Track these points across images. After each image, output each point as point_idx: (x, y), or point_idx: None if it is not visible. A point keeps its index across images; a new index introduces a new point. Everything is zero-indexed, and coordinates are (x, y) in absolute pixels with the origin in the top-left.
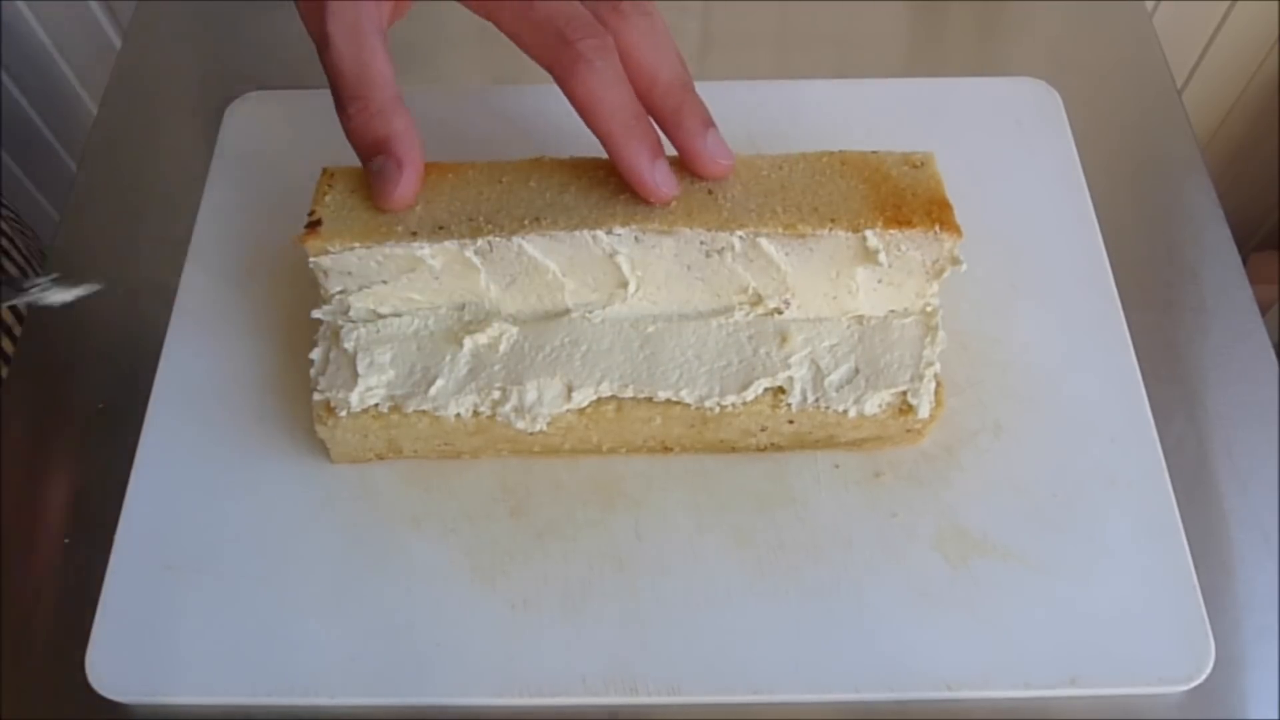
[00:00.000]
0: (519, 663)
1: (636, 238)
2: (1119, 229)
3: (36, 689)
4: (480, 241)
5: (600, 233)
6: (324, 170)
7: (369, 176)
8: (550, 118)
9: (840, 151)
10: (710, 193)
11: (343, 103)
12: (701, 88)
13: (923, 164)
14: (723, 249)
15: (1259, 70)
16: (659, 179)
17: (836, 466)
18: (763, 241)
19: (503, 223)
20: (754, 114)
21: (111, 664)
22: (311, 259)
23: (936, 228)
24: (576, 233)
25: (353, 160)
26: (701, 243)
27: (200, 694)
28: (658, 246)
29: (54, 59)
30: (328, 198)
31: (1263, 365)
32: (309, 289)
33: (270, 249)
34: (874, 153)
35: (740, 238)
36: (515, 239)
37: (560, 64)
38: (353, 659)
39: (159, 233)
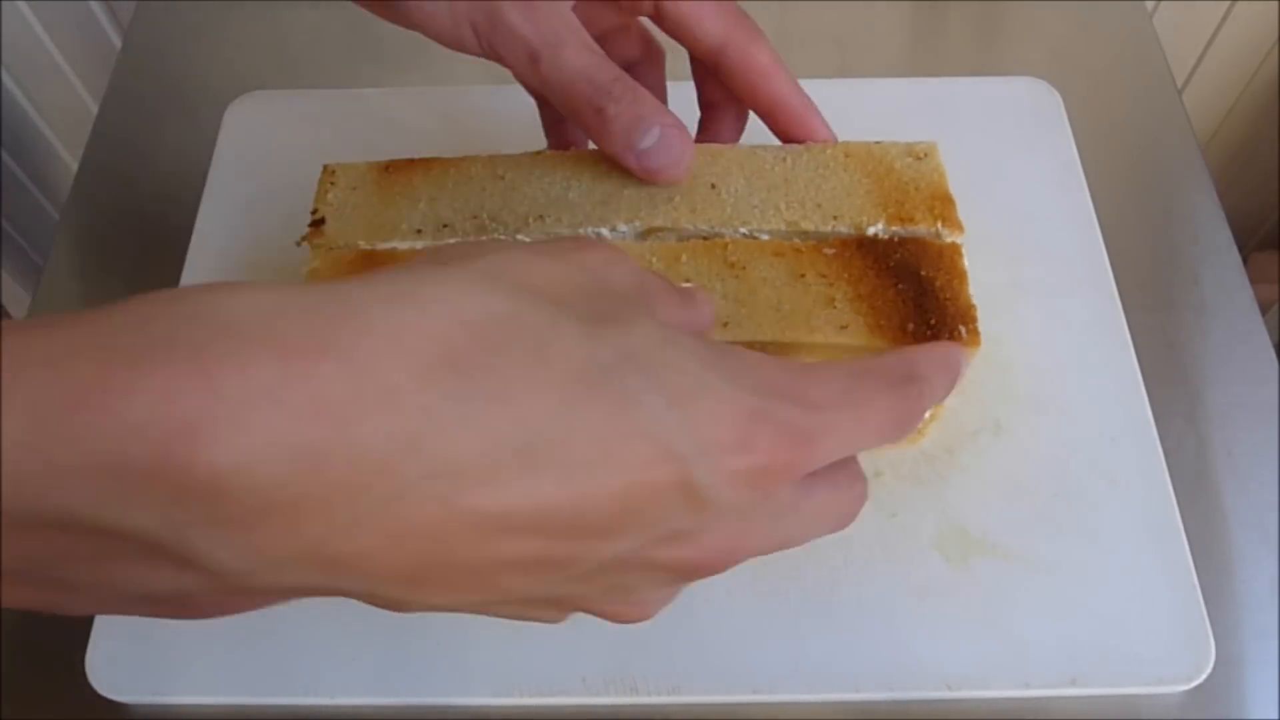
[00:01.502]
0: (519, 663)
1: (640, 233)
2: (1119, 229)
3: (36, 689)
4: (485, 239)
5: (604, 230)
6: (325, 167)
7: (644, 158)
8: None
9: (844, 143)
10: (713, 187)
11: (596, 104)
12: None
13: (926, 155)
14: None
15: (1259, 70)
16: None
17: None
18: (764, 237)
19: (507, 220)
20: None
21: (111, 664)
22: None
23: (939, 224)
24: (580, 230)
25: (351, 157)
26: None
27: (200, 694)
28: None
29: (54, 59)
30: (330, 195)
31: (1263, 365)
32: None
33: (270, 249)
34: (878, 143)
35: (743, 234)
36: (520, 237)
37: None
38: (353, 659)
39: (159, 233)
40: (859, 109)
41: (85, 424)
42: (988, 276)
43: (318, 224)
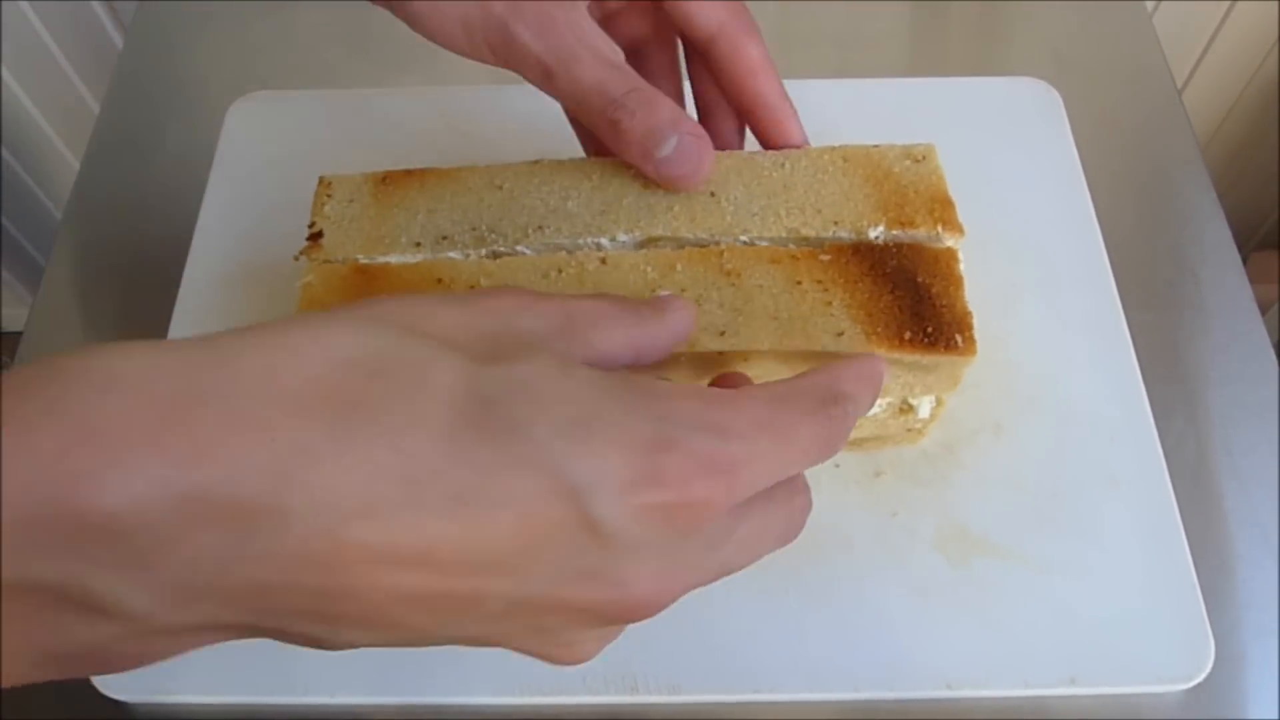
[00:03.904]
0: (519, 661)
1: (639, 243)
2: (1119, 229)
3: (37, 688)
4: (484, 252)
5: (603, 240)
6: (321, 179)
7: (662, 166)
8: (550, 117)
9: (842, 146)
10: (713, 195)
11: (611, 116)
12: None
13: (924, 158)
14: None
15: (1259, 70)
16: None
17: (836, 466)
18: (765, 245)
19: (506, 231)
20: None
21: None
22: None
23: (939, 227)
24: (580, 240)
25: (350, 161)
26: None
27: (201, 693)
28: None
29: (56, 59)
30: (326, 207)
31: (1263, 365)
32: None
33: (270, 249)
34: (875, 147)
35: (744, 241)
36: (519, 249)
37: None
38: (353, 658)
39: (159, 232)
40: (859, 109)
41: None
42: (987, 276)
43: (315, 237)
